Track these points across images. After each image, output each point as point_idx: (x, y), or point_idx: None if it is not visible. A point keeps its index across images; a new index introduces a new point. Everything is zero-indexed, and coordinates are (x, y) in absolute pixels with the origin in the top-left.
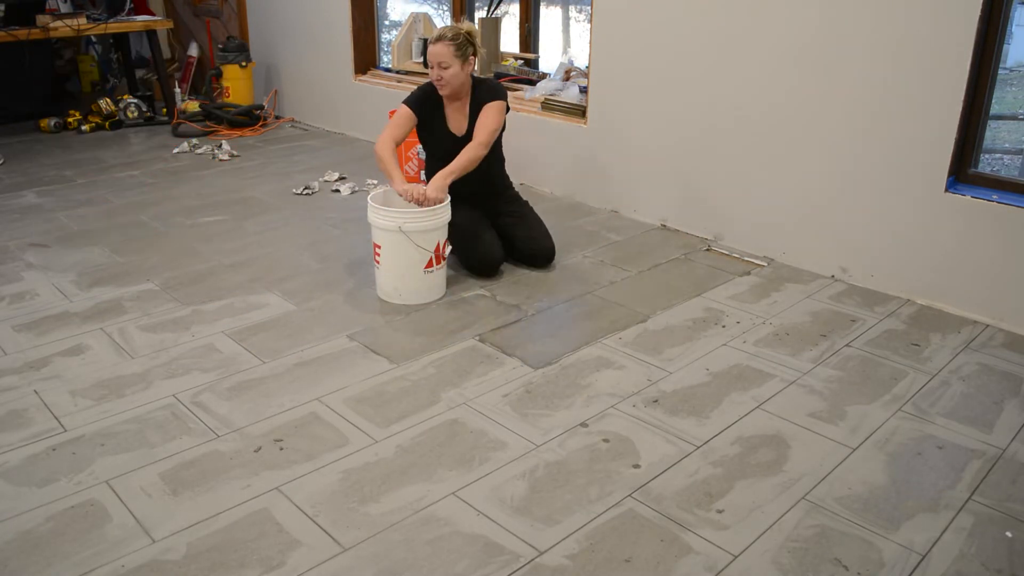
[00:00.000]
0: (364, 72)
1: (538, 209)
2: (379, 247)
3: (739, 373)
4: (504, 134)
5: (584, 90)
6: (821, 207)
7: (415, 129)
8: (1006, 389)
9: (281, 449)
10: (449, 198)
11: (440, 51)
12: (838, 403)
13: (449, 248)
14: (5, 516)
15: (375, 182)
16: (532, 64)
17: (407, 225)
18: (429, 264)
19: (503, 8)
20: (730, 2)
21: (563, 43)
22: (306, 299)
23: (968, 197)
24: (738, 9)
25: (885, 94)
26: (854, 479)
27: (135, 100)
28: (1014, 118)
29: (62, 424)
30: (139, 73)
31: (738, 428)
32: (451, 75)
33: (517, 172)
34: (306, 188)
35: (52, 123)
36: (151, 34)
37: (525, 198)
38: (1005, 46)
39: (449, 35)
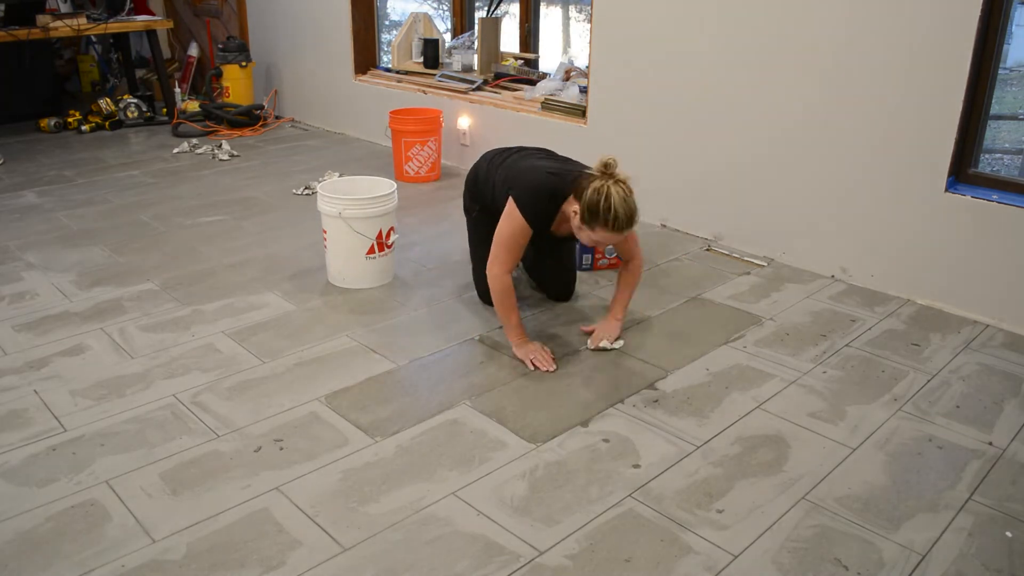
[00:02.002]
0: (364, 72)
1: None
2: (326, 232)
3: (739, 373)
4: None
5: (584, 90)
6: (821, 207)
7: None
8: (1006, 389)
9: (281, 449)
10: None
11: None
12: (838, 403)
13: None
14: (5, 516)
15: None
16: (532, 64)
17: (347, 212)
18: (371, 251)
19: (503, 8)
20: (729, 2)
21: (563, 43)
22: (306, 299)
23: (968, 197)
24: (737, 9)
25: (885, 94)
26: (854, 479)
27: (135, 100)
28: (1014, 118)
29: (62, 424)
30: (139, 73)
31: (738, 428)
32: None
33: None
34: (306, 188)
35: (52, 123)
36: (151, 34)
37: None
38: (1005, 46)
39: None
